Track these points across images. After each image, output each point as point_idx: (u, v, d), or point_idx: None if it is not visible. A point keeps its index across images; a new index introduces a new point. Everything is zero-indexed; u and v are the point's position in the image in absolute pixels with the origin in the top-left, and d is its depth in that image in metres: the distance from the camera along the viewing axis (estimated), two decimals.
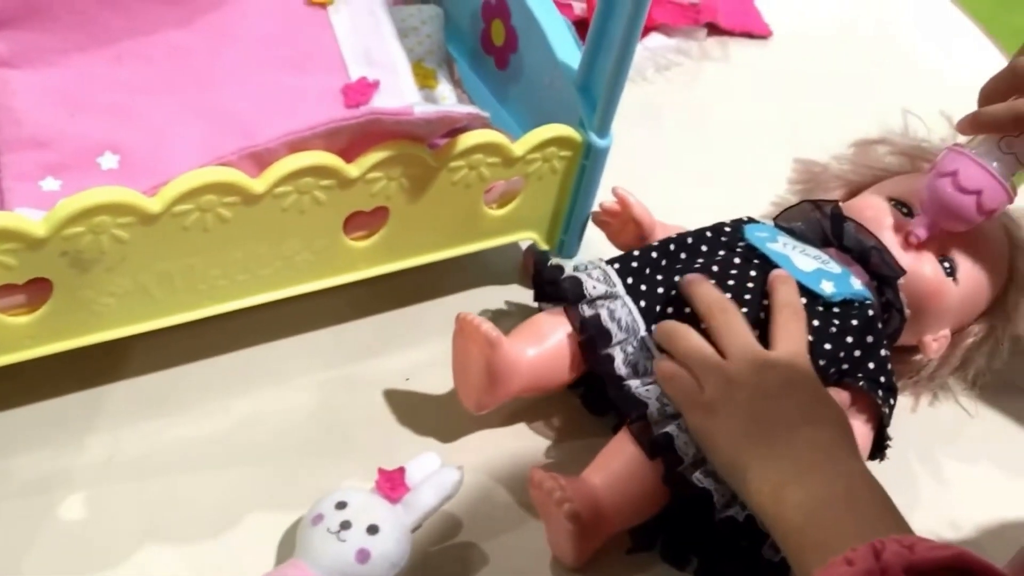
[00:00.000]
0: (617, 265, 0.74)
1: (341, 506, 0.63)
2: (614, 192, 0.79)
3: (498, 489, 0.71)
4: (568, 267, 0.75)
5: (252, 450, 0.70)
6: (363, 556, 0.61)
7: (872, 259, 0.75)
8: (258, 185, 0.66)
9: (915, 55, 1.17)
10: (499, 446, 0.73)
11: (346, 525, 0.62)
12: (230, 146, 0.68)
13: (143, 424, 0.70)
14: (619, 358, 0.71)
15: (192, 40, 0.74)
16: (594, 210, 0.80)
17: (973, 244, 0.79)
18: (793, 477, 0.60)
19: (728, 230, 0.77)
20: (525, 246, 0.84)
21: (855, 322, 0.72)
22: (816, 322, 0.70)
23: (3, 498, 0.65)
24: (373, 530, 0.62)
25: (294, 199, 0.67)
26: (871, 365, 0.72)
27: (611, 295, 0.72)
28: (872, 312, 0.73)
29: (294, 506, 0.66)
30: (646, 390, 0.69)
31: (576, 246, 0.82)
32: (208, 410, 0.72)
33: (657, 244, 0.76)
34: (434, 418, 0.74)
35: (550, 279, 0.74)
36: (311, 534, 0.63)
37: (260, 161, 0.67)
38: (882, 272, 0.75)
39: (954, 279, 0.78)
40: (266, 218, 0.67)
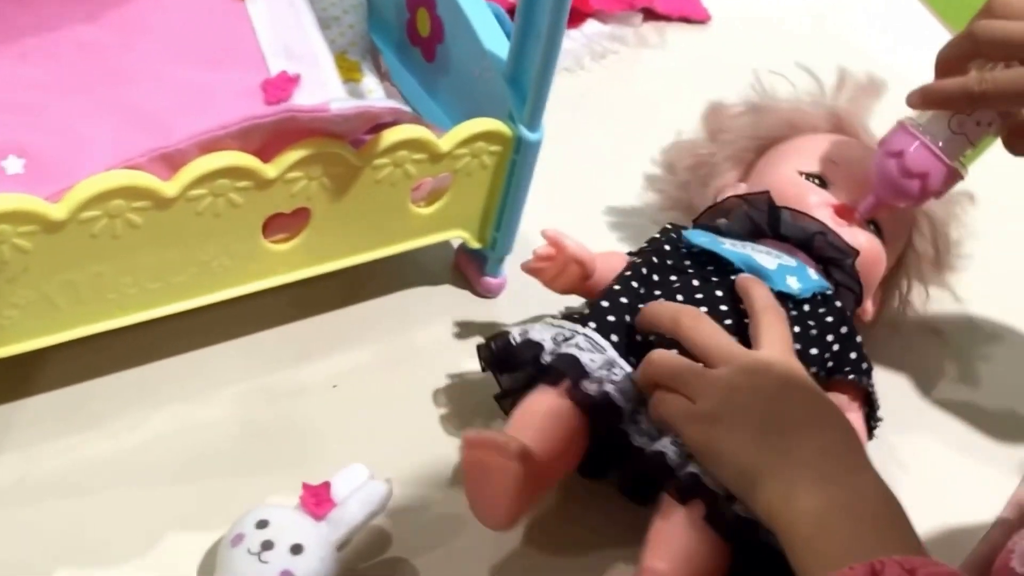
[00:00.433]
0: (594, 324, 0.69)
1: (262, 525, 0.61)
2: (544, 235, 0.73)
3: (429, 501, 0.69)
4: (515, 333, 0.69)
5: (170, 466, 0.68)
6: None
7: (816, 243, 0.73)
8: (170, 188, 0.63)
9: (856, 37, 1.15)
10: (430, 456, 0.71)
11: (268, 545, 0.60)
12: (142, 147, 0.64)
13: (56, 442, 0.68)
14: (632, 428, 0.67)
15: (102, 35, 0.71)
16: (523, 262, 0.74)
17: None
18: (805, 487, 0.58)
19: (668, 248, 0.74)
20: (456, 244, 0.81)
21: (829, 318, 0.71)
22: (797, 328, 0.69)
23: None
24: (297, 550, 0.60)
25: (209, 202, 0.65)
26: (852, 355, 0.71)
27: (608, 363, 0.68)
28: (839, 302, 0.72)
29: (214, 525, 0.63)
30: (661, 444, 0.65)
31: (510, 244, 0.79)
32: (124, 425, 0.69)
33: (619, 287, 0.71)
34: (363, 427, 0.72)
35: (530, 358, 0.68)
36: (231, 555, 0.60)
37: (172, 163, 0.64)
38: (828, 255, 0.73)
39: (883, 239, 0.78)
40: (179, 223, 0.64)
